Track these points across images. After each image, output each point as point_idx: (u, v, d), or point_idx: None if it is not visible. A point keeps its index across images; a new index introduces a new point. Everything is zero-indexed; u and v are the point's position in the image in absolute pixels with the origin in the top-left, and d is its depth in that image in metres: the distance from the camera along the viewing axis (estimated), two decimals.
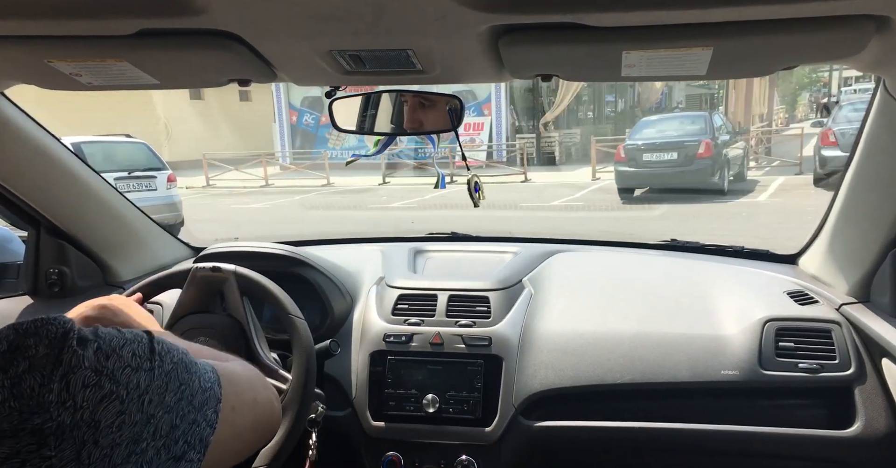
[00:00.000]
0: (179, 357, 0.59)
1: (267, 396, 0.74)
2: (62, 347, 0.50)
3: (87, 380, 0.50)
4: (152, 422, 0.53)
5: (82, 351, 0.51)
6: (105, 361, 0.52)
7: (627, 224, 8.84)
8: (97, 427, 0.49)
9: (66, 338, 0.50)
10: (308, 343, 1.20)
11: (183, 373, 0.58)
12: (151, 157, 8.26)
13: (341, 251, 1.80)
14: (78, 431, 0.48)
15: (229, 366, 0.71)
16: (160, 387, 0.55)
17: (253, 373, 0.76)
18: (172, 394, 0.56)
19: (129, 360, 0.54)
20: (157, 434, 0.54)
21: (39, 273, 1.57)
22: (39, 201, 1.47)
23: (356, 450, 1.42)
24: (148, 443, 0.53)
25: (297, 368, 1.18)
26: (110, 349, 0.53)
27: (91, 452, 0.49)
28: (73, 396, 0.49)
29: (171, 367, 0.57)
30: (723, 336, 1.38)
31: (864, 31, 0.78)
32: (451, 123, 1.20)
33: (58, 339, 0.50)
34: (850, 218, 1.37)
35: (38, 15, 0.77)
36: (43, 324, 0.51)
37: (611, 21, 0.77)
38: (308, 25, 0.81)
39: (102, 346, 0.52)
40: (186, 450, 0.56)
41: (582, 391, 1.37)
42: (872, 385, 1.29)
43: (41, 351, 0.49)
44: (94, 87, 1.03)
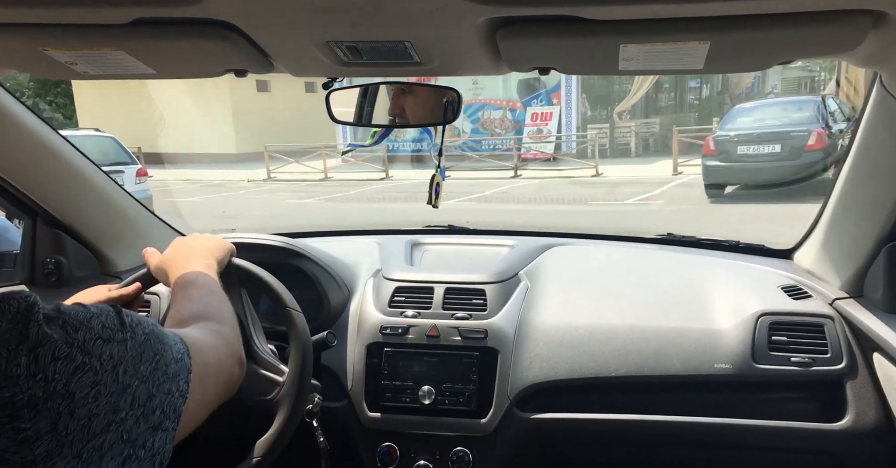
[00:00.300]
0: (150, 328, 0.60)
1: (229, 363, 0.76)
2: (27, 322, 0.50)
3: (57, 352, 0.50)
4: (129, 392, 0.54)
5: (48, 326, 0.51)
6: (74, 333, 0.52)
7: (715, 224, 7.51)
8: (72, 398, 0.50)
9: (31, 313, 0.50)
10: (305, 336, 1.20)
11: (156, 344, 0.59)
12: (119, 151, 8.26)
13: (338, 243, 1.80)
14: (52, 403, 0.48)
15: (195, 335, 0.72)
16: (134, 358, 0.55)
17: (216, 338, 0.77)
18: (147, 364, 0.57)
19: (100, 332, 0.54)
20: (135, 403, 0.54)
21: (36, 263, 1.57)
22: (36, 191, 1.46)
23: (352, 441, 1.43)
24: (126, 412, 0.53)
25: (293, 361, 1.18)
26: (77, 322, 0.53)
27: (68, 423, 0.49)
28: (42, 369, 0.49)
29: (143, 338, 0.58)
30: (716, 330, 1.39)
31: (861, 25, 0.78)
32: (449, 116, 1.20)
33: (21, 314, 0.50)
34: (845, 213, 1.38)
35: (34, 3, 0.77)
36: (4, 300, 0.51)
37: (608, 14, 0.77)
38: (305, 16, 0.81)
39: (68, 320, 0.52)
40: (163, 419, 0.57)
41: (577, 384, 1.38)
42: (863, 379, 1.30)
43: (4, 325, 0.49)
44: (90, 75, 1.03)
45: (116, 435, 0.52)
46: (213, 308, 0.87)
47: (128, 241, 1.70)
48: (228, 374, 0.76)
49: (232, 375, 0.77)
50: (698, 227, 1.70)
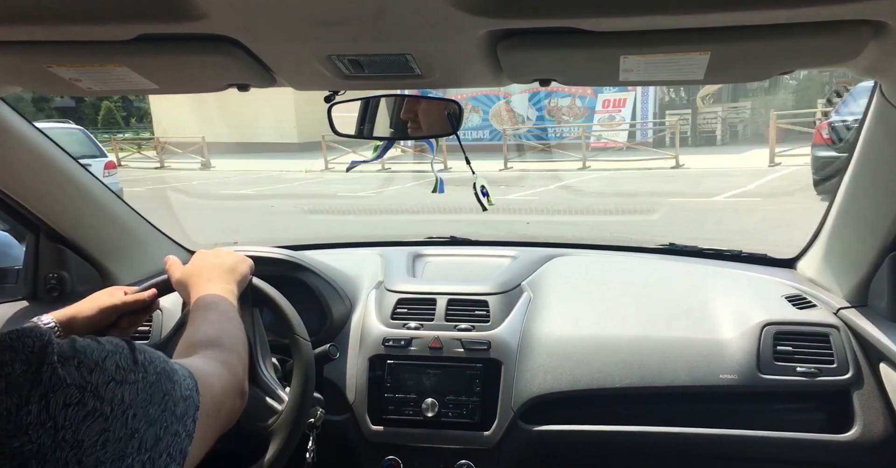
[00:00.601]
0: (162, 366, 0.58)
1: (232, 395, 0.75)
2: (41, 364, 0.48)
3: (68, 398, 0.48)
4: (136, 437, 0.52)
5: (62, 367, 0.49)
6: (89, 376, 0.50)
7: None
8: (80, 446, 0.48)
9: (45, 354, 0.49)
10: (309, 364, 1.18)
11: (166, 383, 0.57)
12: (88, 144, 8.17)
13: (340, 255, 1.80)
14: (60, 452, 0.47)
15: (203, 368, 0.71)
16: (144, 400, 0.54)
17: (223, 369, 0.75)
18: (156, 406, 0.55)
19: (114, 373, 0.52)
20: (142, 448, 0.53)
21: (39, 278, 1.57)
22: (38, 206, 1.47)
23: (355, 455, 1.42)
24: (133, 458, 0.52)
25: (294, 390, 1.15)
26: (93, 363, 0.51)
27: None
28: (53, 417, 0.47)
29: (154, 378, 0.56)
30: (721, 340, 1.38)
31: (861, 36, 0.78)
32: (450, 128, 1.21)
33: (35, 355, 0.48)
34: (847, 222, 1.37)
35: (38, 20, 0.78)
36: (19, 337, 0.49)
37: (609, 26, 0.78)
38: (307, 30, 0.82)
39: (84, 360, 0.51)
40: (169, 462, 0.56)
41: (581, 395, 1.37)
42: (870, 389, 1.29)
43: (17, 368, 0.47)
44: (94, 92, 1.04)
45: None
46: (227, 335, 0.86)
47: (130, 256, 1.70)
48: (230, 407, 0.75)
49: (234, 408, 0.76)
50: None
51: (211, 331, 0.85)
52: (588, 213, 7.82)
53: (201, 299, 0.96)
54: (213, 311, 0.92)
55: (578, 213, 7.95)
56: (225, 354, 0.79)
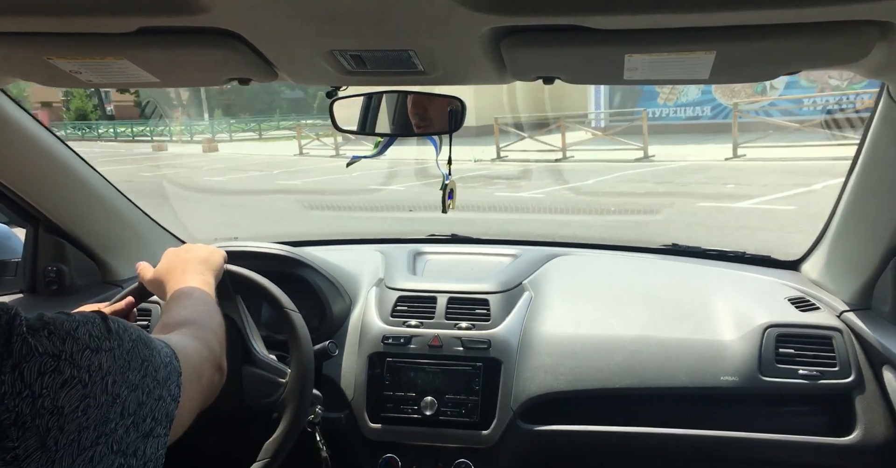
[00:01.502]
0: (137, 334, 0.59)
1: (210, 368, 0.76)
2: (9, 336, 0.48)
3: (43, 366, 0.49)
4: (118, 402, 0.53)
5: (33, 338, 0.49)
6: (62, 345, 0.51)
7: None
8: (61, 413, 0.49)
9: (12, 326, 0.49)
10: (305, 336, 1.19)
11: (143, 350, 0.58)
12: None
13: (341, 252, 1.80)
14: (40, 420, 0.47)
15: (178, 340, 0.73)
16: (122, 366, 0.55)
17: (198, 342, 0.77)
18: (136, 371, 0.56)
19: (88, 342, 0.53)
20: (125, 412, 0.53)
21: (37, 271, 1.57)
22: (38, 199, 1.46)
23: (353, 453, 1.42)
24: (116, 422, 0.53)
25: (295, 362, 1.17)
26: (64, 332, 0.52)
27: (57, 439, 0.48)
28: (28, 385, 0.48)
29: (130, 345, 0.57)
30: (723, 341, 1.38)
31: (868, 36, 0.77)
32: (451, 125, 1.20)
33: (2, 327, 0.49)
34: (852, 225, 1.36)
35: (38, 12, 0.77)
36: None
37: (613, 24, 0.77)
38: (310, 25, 0.81)
39: (54, 330, 0.51)
40: (154, 426, 0.57)
41: (581, 395, 1.36)
42: (872, 393, 1.29)
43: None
44: (94, 84, 1.03)
45: (107, 446, 0.51)
46: (202, 315, 0.87)
47: (129, 249, 1.69)
48: (209, 379, 0.76)
49: (213, 381, 0.77)
50: None
51: (185, 312, 0.86)
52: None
53: (176, 291, 0.96)
54: (186, 298, 0.93)
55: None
56: (199, 331, 0.80)
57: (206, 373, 0.75)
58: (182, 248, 1.12)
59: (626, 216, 6.59)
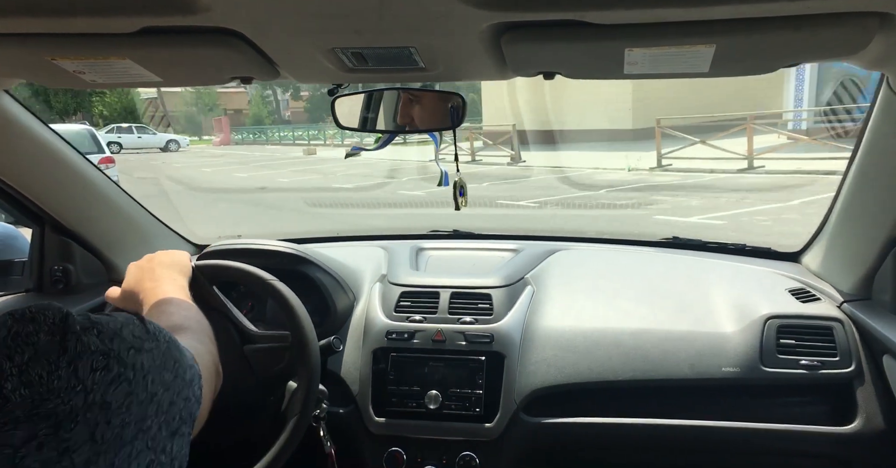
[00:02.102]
0: (169, 335, 0.62)
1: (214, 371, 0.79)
2: (64, 333, 0.51)
3: (95, 363, 0.51)
4: (155, 400, 0.55)
5: (86, 336, 0.52)
6: (110, 343, 0.53)
7: None
8: (108, 408, 0.51)
9: (67, 324, 0.51)
10: (296, 302, 1.19)
11: (175, 351, 0.61)
12: (91, 142, 9.39)
13: (344, 248, 1.80)
14: (91, 413, 0.50)
15: (190, 343, 0.74)
16: (160, 366, 0.57)
17: (201, 347, 0.79)
18: (169, 371, 0.58)
19: (132, 341, 0.55)
20: (160, 410, 0.56)
21: (44, 270, 1.58)
22: (44, 199, 1.47)
23: (358, 447, 1.43)
24: (152, 420, 0.55)
25: (292, 328, 1.17)
26: (111, 331, 0.54)
27: (104, 432, 0.50)
28: (82, 381, 0.50)
29: (165, 347, 0.59)
30: (724, 333, 1.39)
31: (868, 27, 0.78)
32: (453, 121, 1.20)
33: (57, 325, 0.51)
34: (852, 215, 1.37)
35: (42, 13, 0.78)
36: (39, 310, 0.52)
37: (613, 18, 0.77)
38: (311, 23, 0.81)
39: (102, 330, 0.54)
40: (180, 424, 0.59)
41: (583, 388, 1.37)
42: (873, 382, 1.29)
43: (42, 338, 0.50)
44: (98, 84, 1.04)
45: (143, 442, 0.53)
46: (191, 320, 0.88)
47: (135, 249, 1.70)
48: (215, 383, 0.79)
49: (217, 384, 0.80)
50: None
51: (175, 319, 0.88)
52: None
53: (154, 303, 0.96)
54: (167, 305, 0.94)
55: None
56: (197, 335, 0.82)
57: (213, 375, 0.78)
58: (144, 259, 1.11)
59: None
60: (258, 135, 30.40)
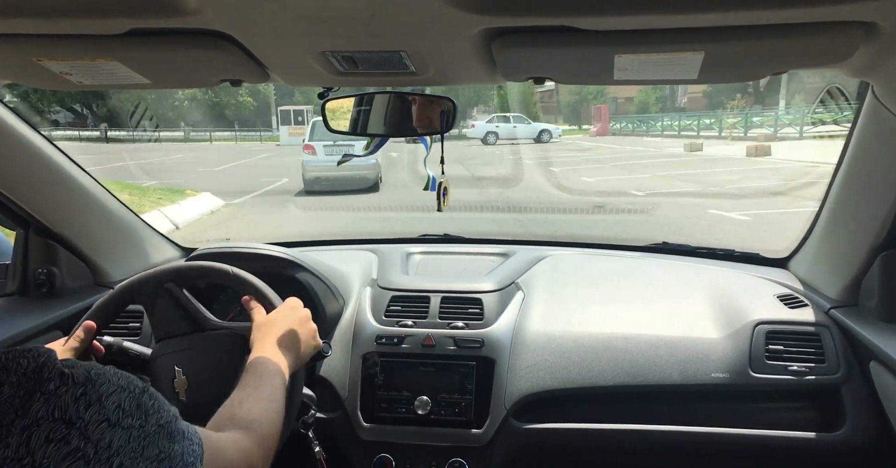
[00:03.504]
0: (166, 420, 0.54)
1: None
2: (32, 391, 0.46)
3: (52, 433, 0.46)
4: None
5: (56, 398, 0.46)
6: (84, 411, 0.47)
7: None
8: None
9: (39, 380, 0.46)
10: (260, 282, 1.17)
11: (164, 441, 0.53)
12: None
13: (334, 253, 1.80)
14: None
15: (220, 444, 0.68)
16: (134, 451, 0.50)
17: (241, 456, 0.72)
18: (148, 461, 0.51)
19: (110, 413, 0.49)
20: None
21: (28, 273, 1.56)
22: (28, 201, 1.45)
23: (347, 453, 1.42)
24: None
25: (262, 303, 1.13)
26: (94, 397, 0.48)
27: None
28: (31, 452, 0.45)
29: (153, 430, 0.52)
30: (713, 339, 1.39)
31: (853, 36, 0.78)
32: (443, 125, 1.20)
33: (27, 378, 0.46)
34: (839, 222, 1.38)
35: (28, 13, 0.77)
36: (15, 357, 0.46)
37: (603, 25, 0.77)
38: (301, 26, 0.81)
39: (88, 392, 0.48)
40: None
41: (573, 393, 1.37)
42: (860, 388, 1.30)
43: (6, 391, 0.45)
44: (85, 86, 1.03)
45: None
46: (264, 420, 0.82)
47: (121, 251, 1.68)
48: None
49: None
50: None
51: (255, 410, 0.82)
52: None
53: (262, 363, 0.92)
54: (266, 387, 0.88)
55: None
56: (249, 441, 0.76)
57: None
58: (305, 314, 1.09)
59: None
60: (638, 124, 26.93)
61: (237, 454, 0.71)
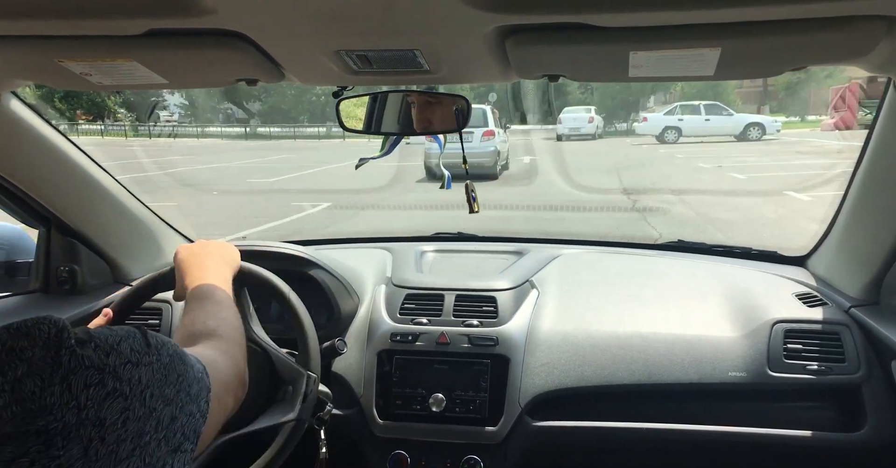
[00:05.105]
0: (174, 349, 0.60)
1: (236, 383, 0.77)
2: (59, 348, 0.50)
3: (89, 379, 0.50)
4: (154, 416, 0.54)
5: (81, 350, 0.51)
6: (105, 358, 0.52)
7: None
8: (102, 425, 0.50)
9: (62, 339, 0.51)
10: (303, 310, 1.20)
11: (179, 365, 0.60)
12: (480, 118, 10.28)
13: (349, 251, 1.81)
14: (84, 430, 0.49)
15: (210, 355, 0.73)
16: (160, 380, 0.56)
17: (227, 358, 0.78)
18: (171, 386, 0.57)
19: (129, 356, 0.54)
20: (159, 426, 0.55)
21: (50, 271, 1.59)
22: (50, 200, 1.48)
23: (362, 449, 1.43)
24: (151, 436, 0.54)
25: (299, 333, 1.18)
26: (108, 346, 0.53)
27: (98, 449, 0.49)
28: (75, 397, 0.49)
29: (168, 360, 0.58)
30: (731, 337, 1.38)
31: (874, 31, 0.77)
32: (457, 123, 1.20)
33: (52, 340, 0.50)
34: (859, 219, 1.36)
35: (48, 15, 0.78)
36: (34, 325, 0.51)
37: (618, 21, 0.77)
38: (316, 25, 0.82)
39: (99, 344, 0.53)
40: (182, 441, 0.58)
41: (588, 391, 1.36)
42: (881, 388, 1.28)
43: (37, 353, 0.49)
44: (105, 86, 1.04)
45: (140, 459, 0.52)
46: (227, 325, 0.87)
47: (140, 250, 1.71)
48: (235, 395, 0.77)
49: (238, 397, 0.78)
50: None
51: (210, 321, 0.87)
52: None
53: (197, 289, 0.97)
54: (210, 302, 0.93)
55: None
56: (226, 345, 0.81)
57: (233, 388, 0.76)
58: (196, 244, 1.12)
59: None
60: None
61: (221, 357, 0.77)
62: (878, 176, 1.26)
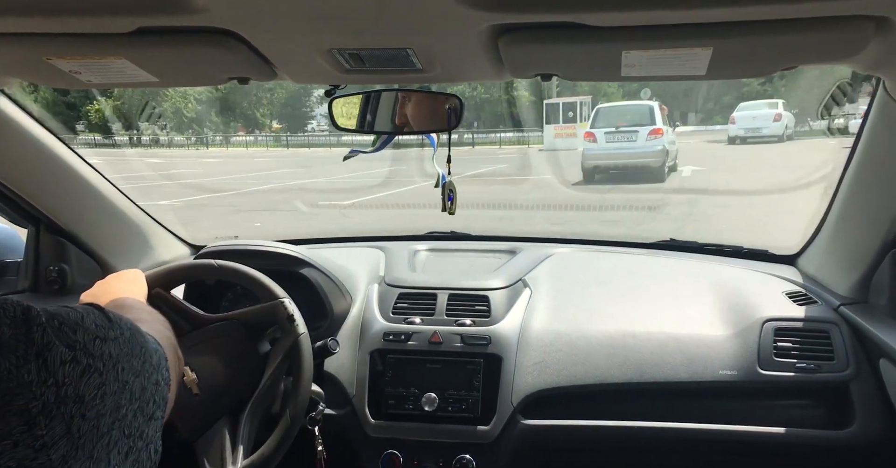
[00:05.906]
0: (130, 322, 0.61)
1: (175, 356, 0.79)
2: (29, 325, 0.50)
3: (63, 356, 0.50)
4: (127, 388, 0.55)
5: (50, 328, 0.51)
6: (74, 335, 0.52)
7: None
8: (82, 401, 0.50)
9: (30, 317, 0.50)
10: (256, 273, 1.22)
11: (139, 337, 0.61)
12: (647, 116, 10.09)
13: (342, 250, 1.80)
14: (65, 407, 0.49)
15: (148, 325, 0.75)
16: (127, 354, 0.57)
17: (159, 324, 0.81)
18: (137, 358, 0.58)
19: (96, 331, 0.55)
20: (133, 398, 0.56)
21: (39, 271, 1.58)
22: (39, 199, 1.47)
23: (355, 449, 1.43)
24: (126, 408, 0.55)
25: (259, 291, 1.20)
26: (73, 322, 0.53)
27: (80, 426, 0.50)
28: (52, 374, 0.49)
29: (129, 334, 0.59)
30: (721, 336, 1.39)
31: (864, 31, 0.78)
32: (450, 122, 1.20)
33: (20, 318, 0.50)
34: (849, 218, 1.37)
35: (37, 12, 0.78)
36: (1, 305, 0.50)
37: (611, 20, 0.77)
38: (308, 24, 0.81)
39: (64, 321, 0.53)
40: (154, 409, 0.59)
41: (580, 390, 1.37)
42: (870, 386, 1.29)
43: (6, 331, 0.48)
44: (94, 84, 1.03)
45: (119, 431, 0.53)
46: (144, 312, 0.89)
47: (131, 249, 1.70)
48: (177, 366, 0.79)
49: (179, 367, 0.81)
50: None
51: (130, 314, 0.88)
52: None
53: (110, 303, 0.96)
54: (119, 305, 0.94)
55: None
56: (152, 324, 0.82)
57: (175, 358, 0.78)
58: (96, 285, 1.12)
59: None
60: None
61: (158, 326, 0.79)
62: (866, 175, 1.27)
